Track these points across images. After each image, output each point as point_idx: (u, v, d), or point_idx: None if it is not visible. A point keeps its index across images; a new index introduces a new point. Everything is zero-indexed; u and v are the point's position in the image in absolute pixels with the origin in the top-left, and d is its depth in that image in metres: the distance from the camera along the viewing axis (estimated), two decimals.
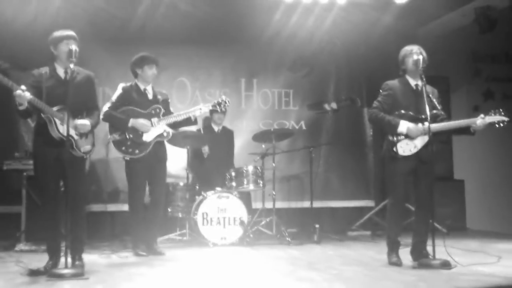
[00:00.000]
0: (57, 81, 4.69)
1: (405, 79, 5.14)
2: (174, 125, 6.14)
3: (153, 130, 5.86)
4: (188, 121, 6.13)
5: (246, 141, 7.96)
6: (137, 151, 5.79)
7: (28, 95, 4.40)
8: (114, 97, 5.92)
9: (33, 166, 4.83)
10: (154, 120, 5.88)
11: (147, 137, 5.83)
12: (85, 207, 4.93)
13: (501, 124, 4.91)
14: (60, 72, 4.72)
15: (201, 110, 6.06)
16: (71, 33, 4.77)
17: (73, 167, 4.62)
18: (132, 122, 5.77)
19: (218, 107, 6.17)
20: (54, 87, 4.65)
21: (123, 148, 5.79)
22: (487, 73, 8.88)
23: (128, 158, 5.82)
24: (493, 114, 4.91)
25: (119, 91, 5.96)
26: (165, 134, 5.92)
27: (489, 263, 5.04)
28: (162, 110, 5.94)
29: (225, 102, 6.18)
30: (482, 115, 4.92)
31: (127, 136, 5.79)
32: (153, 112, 5.91)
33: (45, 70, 4.75)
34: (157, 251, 5.85)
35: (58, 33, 4.76)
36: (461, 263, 4.83)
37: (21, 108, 4.48)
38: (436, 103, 5.03)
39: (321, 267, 4.93)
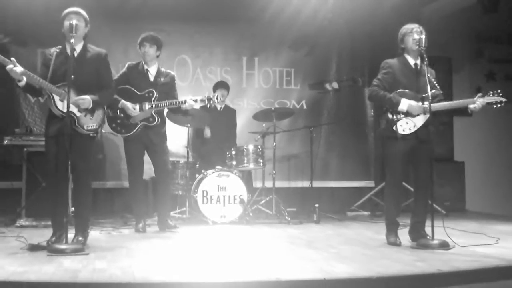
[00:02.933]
0: (65, 58, 4.67)
1: (404, 58, 5.12)
2: (172, 111, 6.15)
3: (140, 114, 5.84)
4: (178, 111, 6.10)
5: (247, 120, 7.97)
6: (123, 131, 5.87)
7: (19, 68, 4.40)
8: (117, 75, 5.94)
9: None
10: (145, 104, 5.85)
11: (134, 119, 5.84)
12: (90, 184, 4.91)
13: (499, 105, 4.92)
14: (69, 49, 4.70)
15: (187, 103, 5.93)
16: (72, 9, 4.76)
17: (77, 144, 4.64)
18: (121, 103, 5.80)
19: (207, 102, 6.09)
20: (61, 64, 4.65)
21: (113, 125, 5.87)
22: (489, 54, 8.82)
23: (116, 135, 5.97)
24: (491, 95, 4.92)
25: (124, 69, 6.04)
26: (151, 119, 5.87)
27: (488, 244, 5.03)
28: (155, 95, 5.88)
29: (216, 99, 6.10)
30: (480, 94, 4.93)
31: (118, 115, 5.84)
32: (146, 95, 5.89)
33: (55, 48, 4.76)
34: (171, 225, 5.91)
35: (64, 11, 4.75)
36: (460, 244, 4.85)
37: (20, 84, 4.49)
38: (434, 83, 5.01)
39: (320, 246, 4.95)
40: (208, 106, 6.20)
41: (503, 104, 4.91)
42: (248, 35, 8.46)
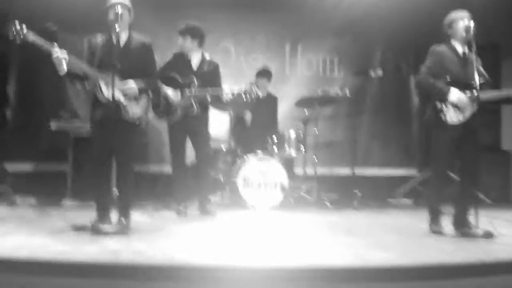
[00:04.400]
0: (111, 46, 4.72)
1: (452, 45, 5.01)
2: (212, 101, 6.12)
3: (181, 101, 5.89)
4: (218, 101, 6.07)
5: (290, 107, 7.94)
6: (165, 116, 5.94)
7: (64, 55, 4.45)
8: (164, 64, 6.02)
9: None
10: (185, 91, 5.89)
11: (175, 106, 5.89)
12: (133, 169, 4.95)
13: None
14: (115, 38, 4.76)
15: (225, 95, 5.92)
16: (115, 0, 4.80)
17: (122, 130, 4.70)
18: (163, 89, 5.87)
19: (244, 95, 6.03)
20: (107, 52, 4.69)
21: (156, 110, 5.91)
22: None
23: (158, 120, 6.05)
24: None
25: (170, 57, 6.13)
26: (190, 109, 5.89)
27: None
28: (196, 83, 5.88)
29: (254, 93, 6.00)
30: None
31: (160, 101, 5.89)
32: (187, 82, 5.92)
33: (101, 36, 4.83)
34: (206, 211, 5.95)
35: (108, 1, 4.82)
36: (504, 234, 4.74)
37: (61, 73, 4.55)
38: (482, 71, 4.89)
39: (360, 233, 4.92)
40: (245, 100, 6.13)
41: None
42: (291, 22, 8.42)
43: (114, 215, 4.73)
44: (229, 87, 6.01)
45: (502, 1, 7.99)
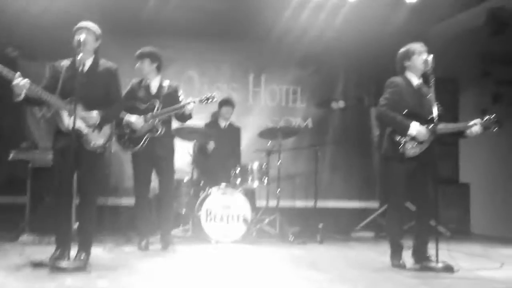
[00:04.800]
0: (75, 72, 4.63)
1: (407, 78, 5.09)
2: (177, 119, 6.13)
3: (145, 125, 5.84)
4: (183, 116, 6.04)
5: (252, 138, 7.94)
6: (131, 145, 5.86)
7: (26, 83, 4.36)
8: (124, 93, 5.92)
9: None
10: (148, 115, 5.87)
11: (139, 132, 5.84)
12: (96, 201, 4.88)
13: (493, 130, 4.93)
14: (78, 64, 4.67)
15: (189, 104, 5.88)
16: (82, 24, 4.77)
17: (84, 160, 4.64)
18: (126, 118, 5.81)
19: (205, 101, 6.02)
20: (71, 78, 4.60)
21: (121, 142, 5.88)
22: (496, 75, 8.79)
23: (125, 152, 5.98)
24: (486, 120, 4.91)
25: (128, 87, 6.05)
26: (154, 130, 5.86)
27: (492, 268, 5.00)
28: (158, 105, 5.88)
29: (213, 97, 6.05)
30: (479, 120, 4.91)
31: (125, 131, 5.85)
32: (149, 107, 5.90)
33: (66, 61, 4.77)
34: (168, 245, 5.87)
35: (75, 27, 4.76)
36: (464, 267, 4.80)
37: (17, 99, 4.45)
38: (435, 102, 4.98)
39: (323, 267, 4.91)
40: (205, 103, 6.05)
41: (496, 129, 4.92)
42: (256, 52, 8.50)
43: (73, 250, 4.59)
44: (190, 98, 5.96)
45: (459, 37, 8.23)
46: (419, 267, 4.88)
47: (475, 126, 4.89)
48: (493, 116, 4.93)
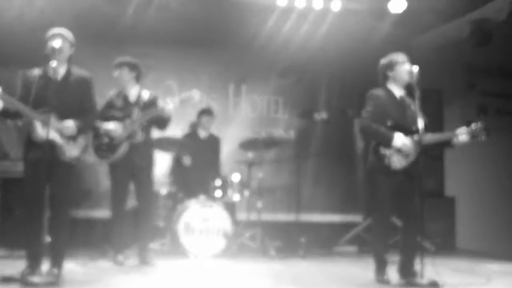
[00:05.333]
0: (48, 81, 4.52)
1: (388, 89, 5.00)
2: (156, 125, 5.96)
3: (123, 132, 5.68)
4: (161, 120, 5.86)
5: (233, 149, 7.79)
6: (109, 155, 5.70)
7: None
8: (102, 107, 5.80)
9: None
10: (127, 122, 5.71)
11: (118, 140, 5.68)
12: (69, 214, 4.75)
13: (481, 138, 4.82)
14: (51, 72, 4.54)
15: (168, 104, 5.66)
16: (56, 31, 4.66)
17: (57, 172, 4.50)
18: (103, 126, 5.67)
19: (185, 100, 5.80)
20: (43, 87, 4.49)
21: (99, 153, 5.73)
22: (481, 87, 8.81)
23: (103, 163, 5.83)
24: (473, 128, 4.81)
25: (107, 98, 5.93)
26: (133, 135, 5.71)
27: (478, 283, 4.96)
28: (136, 112, 5.74)
29: (192, 97, 5.81)
30: (464, 128, 4.82)
31: (103, 141, 5.69)
32: (127, 114, 5.76)
33: (38, 70, 4.63)
34: (146, 260, 5.70)
35: (48, 33, 4.65)
36: (449, 283, 4.70)
37: None
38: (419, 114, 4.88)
39: (306, 283, 4.84)
40: (187, 101, 5.76)
41: (484, 137, 4.82)
42: (236, 62, 8.40)
43: (45, 265, 4.46)
44: (169, 99, 5.74)
45: (444, 48, 8.21)
46: (404, 283, 4.76)
47: (462, 134, 4.80)
48: (479, 123, 4.83)
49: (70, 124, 4.53)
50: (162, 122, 5.90)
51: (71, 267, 5.26)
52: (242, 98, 8.47)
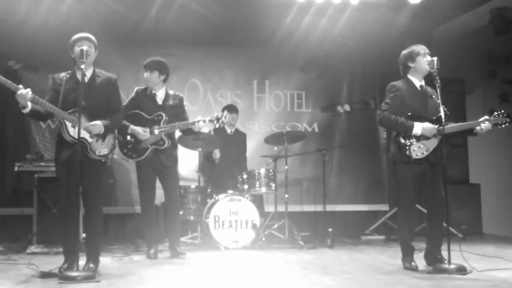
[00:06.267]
0: (75, 83, 4.66)
1: (409, 80, 5.05)
2: (185, 133, 6.15)
3: (151, 138, 5.81)
4: (190, 132, 6.07)
5: (258, 144, 7.92)
6: (134, 155, 5.83)
7: (28, 94, 4.41)
8: (126, 101, 5.95)
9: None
10: (154, 127, 5.84)
11: (144, 144, 5.80)
12: (101, 210, 4.90)
13: (504, 125, 4.91)
14: (79, 74, 4.67)
15: (198, 124, 5.88)
16: (83, 35, 4.78)
17: (89, 170, 4.64)
18: (131, 129, 5.78)
19: (216, 122, 5.99)
20: (72, 89, 4.65)
21: (124, 150, 5.85)
22: (502, 75, 8.76)
23: (127, 160, 6.00)
24: (497, 116, 4.89)
25: (132, 94, 6.05)
26: (161, 142, 5.83)
27: (506, 268, 4.93)
28: (164, 118, 5.85)
29: (225, 118, 6.01)
30: (486, 117, 4.89)
31: (129, 140, 5.82)
32: (155, 119, 5.87)
33: (65, 73, 4.77)
34: (177, 253, 5.84)
35: (73, 37, 4.77)
36: (477, 268, 4.74)
37: (24, 111, 4.51)
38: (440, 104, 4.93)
39: (334, 272, 4.86)
40: (217, 126, 6.08)
41: (507, 124, 4.90)
42: (259, 58, 8.47)
43: (82, 260, 4.58)
44: (200, 117, 5.95)
45: (464, 37, 8.20)
46: (432, 269, 4.82)
47: (485, 122, 4.86)
48: (502, 111, 4.90)
49: (98, 124, 4.66)
50: (189, 132, 6.10)
51: (106, 261, 5.40)
52: (266, 94, 8.55)
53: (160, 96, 6.00)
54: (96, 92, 4.75)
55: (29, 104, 4.48)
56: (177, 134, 6.22)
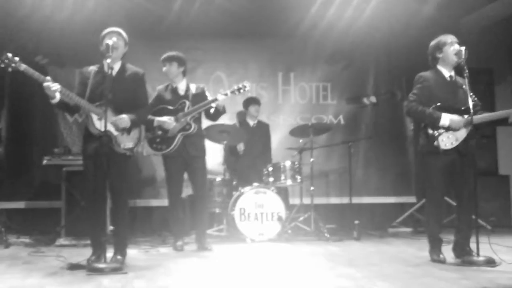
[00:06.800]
0: (103, 77, 4.69)
1: (438, 70, 5.00)
2: (209, 117, 6.13)
3: (177, 125, 5.85)
4: (217, 113, 6.04)
5: (284, 136, 7.92)
6: (164, 147, 5.87)
7: (56, 86, 4.47)
8: (151, 100, 5.93)
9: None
10: (179, 114, 5.88)
11: (172, 132, 5.85)
12: (128, 203, 4.94)
13: None
14: (107, 68, 4.70)
15: (219, 98, 5.85)
16: (113, 29, 4.83)
17: (115, 163, 4.67)
18: (156, 120, 5.84)
19: (237, 92, 6.00)
20: (99, 83, 4.69)
21: (154, 145, 5.90)
22: None
23: (157, 155, 6.03)
24: None
25: (155, 93, 6.13)
26: (187, 127, 5.88)
27: None
28: (187, 104, 5.90)
29: (244, 87, 5.99)
30: None
31: (157, 133, 5.87)
32: (179, 107, 5.92)
33: (94, 67, 4.81)
34: (204, 246, 5.87)
35: (104, 31, 4.81)
36: (506, 260, 4.67)
37: (53, 101, 4.56)
38: (471, 94, 4.85)
39: (361, 264, 4.84)
40: (237, 94, 6.02)
41: None
42: (283, 50, 8.44)
43: (109, 252, 4.62)
44: (221, 91, 6.01)
45: (494, 26, 8.07)
46: (460, 262, 4.77)
47: None
48: None
49: (124, 118, 4.69)
50: (216, 114, 6.06)
51: (134, 253, 5.46)
52: (291, 86, 8.51)
53: (181, 88, 6.07)
54: (123, 86, 4.78)
55: (58, 95, 4.52)
56: (203, 123, 6.23)
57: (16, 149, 7.51)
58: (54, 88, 4.45)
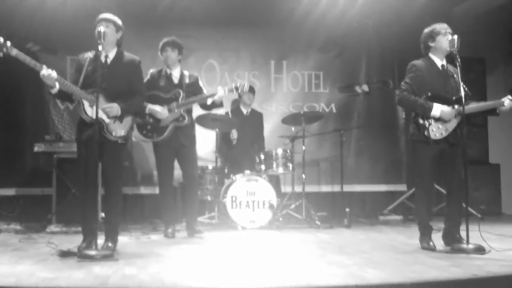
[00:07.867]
0: (97, 64, 4.67)
1: (431, 59, 5.00)
2: (204, 107, 6.15)
3: (170, 115, 5.85)
4: (213, 105, 6.08)
5: (276, 124, 7.92)
6: (155, 135, 5.87)
7: (54, 74, 4.44)
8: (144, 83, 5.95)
9: None
10: (173, 105, 5.87)
11: (164, 122, 5.84)
12: (120, 190, 4.94)
13: None
14: (101, 55, 4.71)
15: (217, 94, 5.92)
16: (101, 16, 4.82)
17: (108, 150, 4.69)
18: (148, 108, 5.82)
19: (235, 91, 6.06)
20: (94, 70, 4.66)
21: (144, 132, 5.90)
22: None
23: (147, 141, 6.06)
24: None
25: (147, 77, 6.04)
26: (181, 119, 5.88)
27: None
28: (182, 94, 5.91)
29: (243, 86, 6.06)
30: (509, 96, 4.82)
31: (148, 121, 5.85)
32: (172, 96, 5.91)
33: (90, 53, 4.78)
34: (196, 230, 5.91)
35: (96, 19, 4.79)
36: (496, 248, 4.71)
37: (53, 91, 4.55)
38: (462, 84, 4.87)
39: (351, 251, 4.86)
40: (237, 94, 6.21)
41: None
42: (276, 38, 8.40)
43: (100, 239, 4.63)
44: (220, 87, 6.01)
45: (486, 16, 8.07)
46: (450, 249, 4.80)
47: (507, 100, 4.79)
48: None
49: (114, 106, 4.67)
50: (211, 106, 6.10)
51: (125, 240, 5.47)
52: (283, 74, 8.50)
53: (176, 75, 6.06)
54: (118, 73, 4.77)
55: (57, 84, 4.49)
56: (195, 113, 6.21)
57: (7, 136, 7.46)
58: (53, 75, 4.42)
